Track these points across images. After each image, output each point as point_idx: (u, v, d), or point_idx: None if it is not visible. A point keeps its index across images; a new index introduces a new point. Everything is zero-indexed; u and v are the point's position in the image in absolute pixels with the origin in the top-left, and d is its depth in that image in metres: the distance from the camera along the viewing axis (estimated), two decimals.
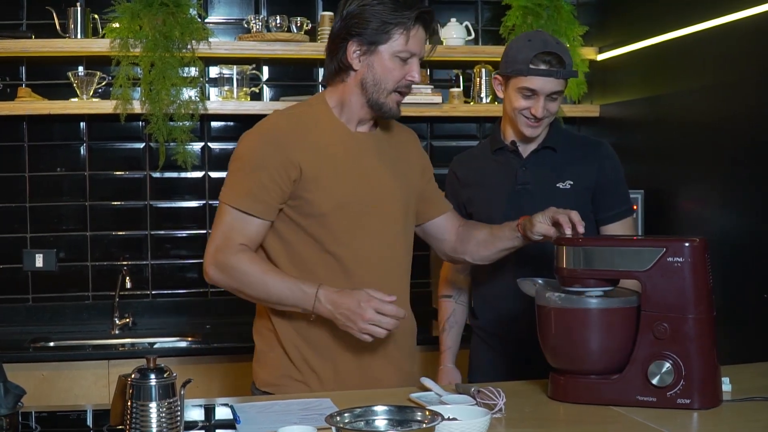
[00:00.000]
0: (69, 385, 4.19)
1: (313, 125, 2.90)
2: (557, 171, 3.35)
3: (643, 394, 2.52)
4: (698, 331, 2.49)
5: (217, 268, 2.80)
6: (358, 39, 2.82)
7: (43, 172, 4.94)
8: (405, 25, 2.80)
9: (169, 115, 4.71)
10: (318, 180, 2.82)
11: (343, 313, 2.72)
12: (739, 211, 3.91)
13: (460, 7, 5.38)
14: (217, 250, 2.80)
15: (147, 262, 5.04)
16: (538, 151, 3.39)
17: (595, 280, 2.60)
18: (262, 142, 2.85)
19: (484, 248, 3.13)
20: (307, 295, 2.75)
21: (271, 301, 2.82)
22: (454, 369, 3.55)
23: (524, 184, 3.35)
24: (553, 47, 3.23)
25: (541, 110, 3.24)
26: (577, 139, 3.58)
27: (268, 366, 2.97)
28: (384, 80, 2.84)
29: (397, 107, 2.90)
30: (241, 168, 2.84)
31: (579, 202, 3.27)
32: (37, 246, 4.93)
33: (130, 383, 2.16)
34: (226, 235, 2.81)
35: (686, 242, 2.51)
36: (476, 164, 3.53)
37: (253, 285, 2.78)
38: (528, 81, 3.22)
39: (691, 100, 4.25)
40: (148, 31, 4.63)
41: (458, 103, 5.13)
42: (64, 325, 4.88)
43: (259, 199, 2.80)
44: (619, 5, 5.00)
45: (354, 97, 2.89)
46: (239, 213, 2.81)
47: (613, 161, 3.41)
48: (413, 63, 2.86)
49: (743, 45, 3.85)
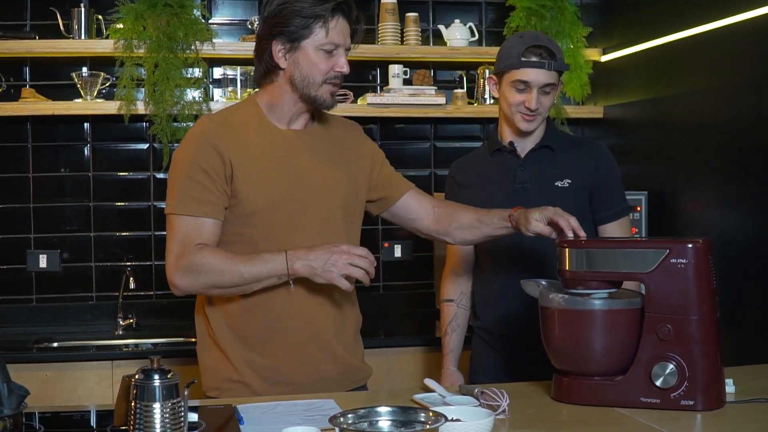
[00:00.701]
0: (72, 386, 4.18)
1: (241, 125, 2.92)
2: (555, 170, 3.38)
3: (647, 395, 2.51)
4: (702, 332, 2.48)
5: (183, 272, 2.78)
6: (281, 38, 2.85)
7: (46, 173, 4.95)
8: (324, 18, 2.82)
9: (172, 115, 4.72)
10: (248, 178, 2.84)
11: (318, 258, 2.72)
12: (742, 213, 3.91)
13: (464, 8, 5.39)
14: (177, 258, 2.79)
15: (151, 263, 5.04)
16: (535, 150, 3.42)
17: (598, 281, 2.60)
18: (192, 147, 2.87)
19: (468, 232, 3.13)
20: (278, 260, 2.74)
21: (247, 282, 2.78)
22: (457, 372, 3.55)
23: (523, 183, 3.38)
24: (544, 41, 3.30)
25: (535, 102, 3.28)
26: (574, 139, 3.63)
27: (209, 370, 2.98)
28: (311, 74, 2.86)
29: (331, 98, 2.91)
30: (179, 176, 2.85)
31: (577, 200, 3.31)
32: (41, 246, 4.93)
33: (134, 384, 2.15)
34: (182, 241, 2.80)
35: (690, 244, 2.50)
36: (475, 167, 3.55)
37: (226, 272, 2.76)
38: (520, 73, 3.28)
39: (694, 102, 4.25)
40: (152, 31, 4.64)
41: (462, 104, 5.13)
42: (68, 325, 4.88)
43: (203, 200, 2.81)
44: (622, 6, 5.01)
45: (286, 96, 2.92)
46: (190, 218, 2.81)
47: (609, 161, 3.43)
48: (339, 54, 2.87)
49: (747, 46, 3.85)
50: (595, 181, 3.36)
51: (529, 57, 3.27)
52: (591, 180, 3.36)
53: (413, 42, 5.07)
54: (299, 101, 2.91)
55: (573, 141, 3.55)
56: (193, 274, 2.77)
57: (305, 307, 2.89)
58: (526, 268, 3.27)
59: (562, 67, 3.31)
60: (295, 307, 2.88)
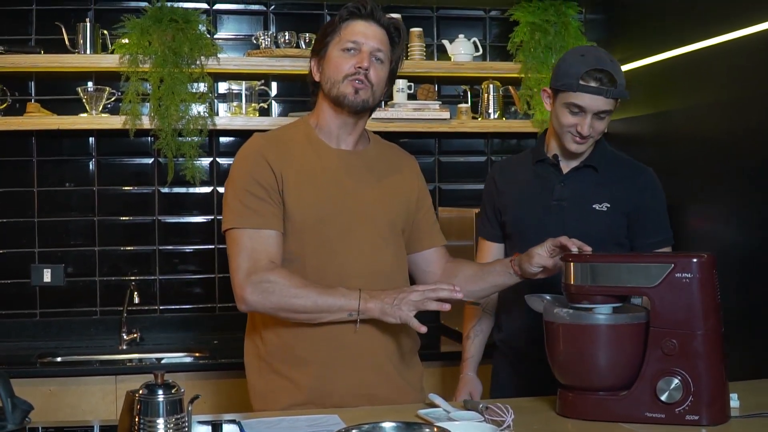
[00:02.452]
0: (76, 401, 4.18)
1: (291, 142, 2.96)
2: (595, 191, 3.28)
3: (652, 410, 2.51)
4: (707, 347, 2.48)
5: (254, 289, 2.76)
6: (314, 55, 3.02)
7: (51, 187, 4.95)
8: (336, 24, 2.96)
9: (178, 130, 4.73)
10: (297, 193, 2.86)
11: (389, 298, 2.75)
12: (747, 227, 3.90)
13: (468, 23, 5.39)
14: (248, 274, 2.78)
15: (155, 278, 5.04)
16: (579, 168, 3.32)
17: (603, 296, 2.59)
18: (245, 162, 2.92)
19: (473, 283, 3.10)
20: (352, 296, 2.76)
21: (318, 311, 2.77)
22: (476, 378, 3.50)
23: (560, 200, 3.29)
24: (606, 65, 3.14)
25: (587, 128, 3.17)
26: (622, 161, 3.43)
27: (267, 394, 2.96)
28: (334, 73, 2.93)
29: (355, 93, 2.92)
30: (235, 191, 2.88)
31: (614, 225, 3.24)
32: (45, 261, 4.93)
33: (138, 399, 2.15)
34: (250, 256, 2.80)
35: (694, 258, 2.50)
36: (516, 172, 3.47)
37: (299, 297, 2.75)
38: (576, 97, 3.14)
39: (699, 116, 4.24)
40: (158, 46, 4.64)
41: (466, 119, 5.13)
42: (72, 340, 4.87)
43: (263, 212, 2.83)
44: (626, 21, 5.00)
45: (326, 111, 2.98)
46: (253, 231, 2.82)
47: (655, 190, 3.32)
48: (359, 53, 2.92)
49: (751, 61, 3.85)
50: (635, 208, 3.27)
51: (588, 81, 3.11)
52: (631, 206, 3.27)
53: (417, 57, 5.07)
54: (333, 111, 2.96)
55: (620, 162, 3.40)
56: (264, 292, 2.76)
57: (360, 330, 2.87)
58: (545, 280, 3.19)
59: (621, 95, 3.16)
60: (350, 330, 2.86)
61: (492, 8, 5.41)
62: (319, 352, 2.87)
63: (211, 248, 5.09)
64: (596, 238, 2.94)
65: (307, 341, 2.87)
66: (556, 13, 5.11)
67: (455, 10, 5.40)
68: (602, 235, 2.95)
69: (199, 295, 5.08)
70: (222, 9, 5.13)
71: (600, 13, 5.29)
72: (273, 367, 2.93)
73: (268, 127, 4.76)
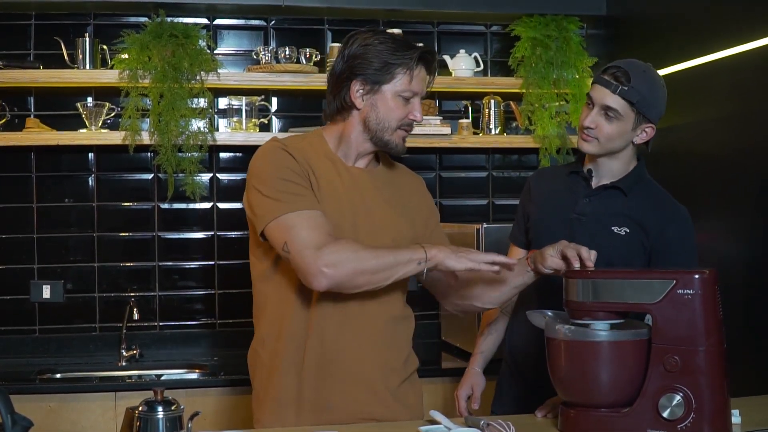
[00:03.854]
0: (76, 417, 4.16)
1: (310, 150, 2.90)
2: (617, 214, 3.20)
3: (654, 427, 2.49)
4: (709, 363, 2.46)
5: (328, 260, 2.67)
6: (361, 78, 2.85)
7: (51, 203, 4.94)
8: (408, 65, 2.84)
9: (177, 146, 4.72)
10: (320, 200, 2.81)
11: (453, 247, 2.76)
12: (750, 242, 3.89)
13: (469, 39, 5.39)
14: (316, 248, 2.68)
15: (155, 294, 5.02)
16: (607, 187, 3.25)
17: (605, 312, 2.57)
18: (272, 156, 2.84)
19: (493, 288, 3.05)
20: (415, 247, 2.76)
21: (392, 265, 2.73)
22: (481, 374, 3.45)
23: (581, 215, 3.23)
24: (631, 65, 3.15)
25: (590, 120, 3.14)
26: (657, 192, 3.31)
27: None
28: (387, 119, 2.87)
29: (403, 143, 2.93)
30: (267, 184, 2.79)
31: (630, 251, 3.15)
32: (45, 277, 4.92)
33: (138, 416, 2.15)
34: (310, 234, 2.71)
35: (696, 274, 2.48)
36: (550, 181, 3.44)
37: (372, 256, 2.71)
38: (592, 88, 3.18)
39: (703, 131, 4.23)
40: (157, 62, 4.64)
41: (467, 134, 5.12)
42: (71, 356, 4.86)
43: (306, 195, 2.78)
44: (628, 37, 5.00)
45: (355, 134, 2.91)
46: (301, 213, 2.74)
47: (683, 228, 3.21)
48: (415, 102, 2.90)
49: (756, 76, 3.84)
50: (657, 243, 3.16)
51: (604, 74, 3.14)
52: (652, 239, 3.16)
53: None
54: (368, 142, 2.92)
55: (654, 193, 3.28)
56: (339, 261, 2.68)
57: (354, 349, 2.86)
58: (554, 294, 3.15)
59: (630, 95, 3.08)
60: (342, 349, 2.85)
61: (493, 23, 5.40)
62: (316, 370, 2.84)
63: (211, 264, 5.07)
64: (606, 261, 2.90)
65: (303, 356, 2.85)
66: (558, 28, 5.11)
67: (456, 25, 5.39)
68: (613, 259, 2.92)
69: (199, 311, 5.07)
70: (222, 24, 5.13)
71: (602, 29, 5.29)
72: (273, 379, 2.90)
73: None
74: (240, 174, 5.09)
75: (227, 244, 5.10)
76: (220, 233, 5.08)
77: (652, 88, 3.14)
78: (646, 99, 3.11)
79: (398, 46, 2.85)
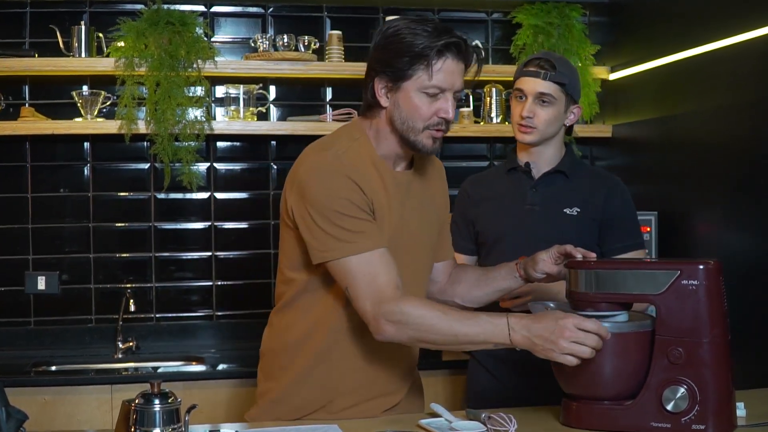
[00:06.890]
0: (71, 410, 4.14)
1: (362, 163, 2.71)
2: (566, 196, 3.38)
3: (658, 420, 2.48)
4: (713, 355, 2.46)
5: (387, 320, 2.55)
6: (383, 76, 2.67)
7: (46, 193, 4.90)
8: (427, 59, 2.61)
9: (174, 135, 4.68)
10: (379, 222, 2.69)
11: (541, 336, 2.47)
12: (753, 233, 3.88)
13: (471, 26, 5.35)
14: (375, 304, 2.57)
15: (151, 285, 4.99)
16: (549, 173, 3.42)
17: (608, 303, 2.56)
18: (332, 182, 2.64)
19: (477, 288, 3.05)
20: (499, 326, 2.52)
21: (459, 342, 2.59)
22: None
23: (532, 205, 3.38)
24: (549, 55, 3.41)
25: (527, 110, 3.32)
26: (592, 169, 3.68)
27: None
28: (411, 118, 2.66)
29: (433, 143, 2.71)
30: (327, 213, 2.61)
31: (583, 230, 3.32)
32: (40, 268, 4.88)
33: (134, 409, 2.17)
34: (371, 285, 2.58)
35: (701, 265, 2.47)
36: (489, 183, 3.57)
37: (437, 329, 2.55)
38: (518, 82, 3.37)
39: (704, 121, 4.22)
40: (154, 50, 4.61)
41: (468, 123, 5.09)
42: (67, 348, 4.83)
43: (368, 232, 2.62)
44: (631, 24, 4.97)
45: (387, 135, 2.74)
46: (362, 256, 2.59)
47: (624, 196, 3.41)
48: (444, 98, 2.67)
49: (757, 65, 3.83)
50: (605, 214, 3.35)
51: (529, 67, 3.35)
52: (601, 212, 3.35)
53: None
54: (399, 143, 2.74)
55: (589, 171, 3.57)
56: (399, 324, 2.55)
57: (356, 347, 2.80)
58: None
59: (560, 78, 3.31)
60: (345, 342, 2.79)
61: (494, 11, 5.37)
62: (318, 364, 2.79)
63: (208, 255, 5.04)
64: (563, 241, 2.91)
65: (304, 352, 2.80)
66: (560, 16, 5.09)
67: (457, 13, 5.35)
68: (572, 239, 2.92)
69: (197, 302, 5.04)
70: (219, 11, 5.09)
71: (604, 16, 5.25)
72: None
73: (267, 132, 4.80)
74: (238, 163, 5.07)
75: (225, 234, 5.06)
76: (218, 223, 5.04)
77: (573, 72, 3.42)
78: (572, 81, 3.37)
79: (421, 37, 2.61)
